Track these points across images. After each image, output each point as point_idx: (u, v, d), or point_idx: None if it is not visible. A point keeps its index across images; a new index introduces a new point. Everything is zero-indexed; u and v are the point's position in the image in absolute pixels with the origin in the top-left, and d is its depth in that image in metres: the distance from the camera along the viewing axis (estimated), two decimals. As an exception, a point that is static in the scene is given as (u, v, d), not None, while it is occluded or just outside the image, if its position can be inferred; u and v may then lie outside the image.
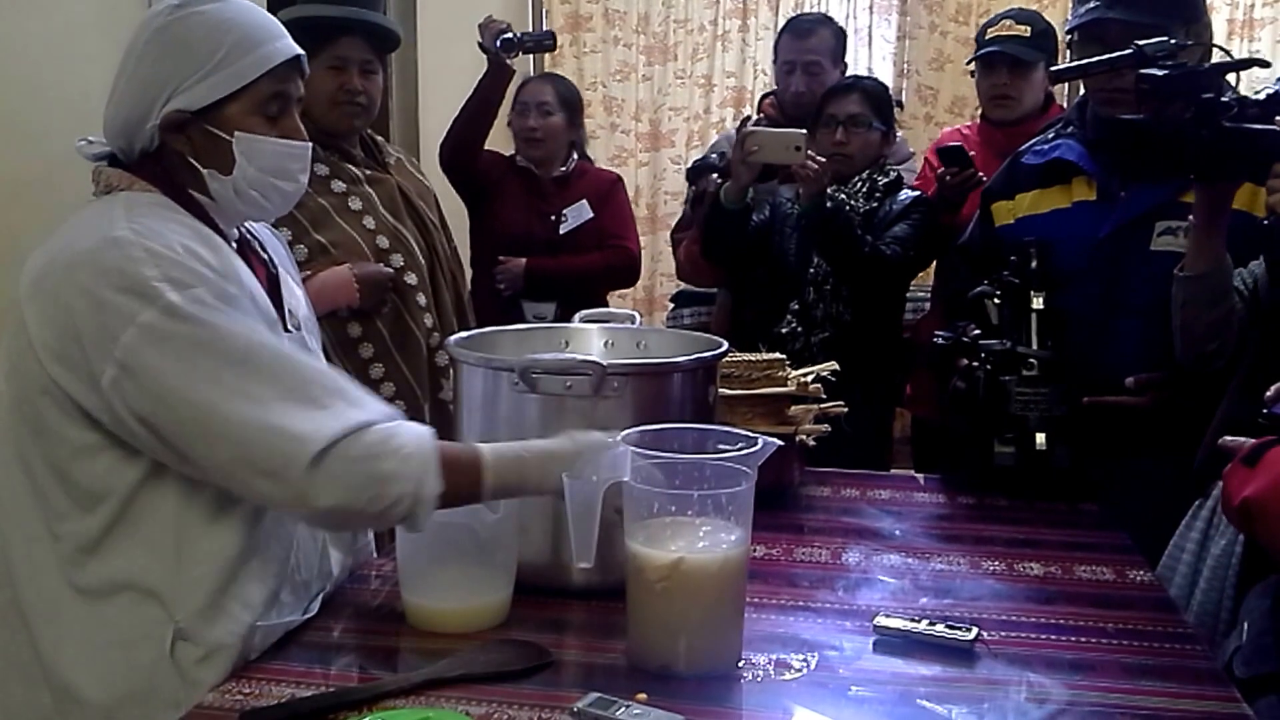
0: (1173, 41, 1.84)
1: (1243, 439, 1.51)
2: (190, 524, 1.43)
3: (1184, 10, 2.11)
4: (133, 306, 1.33)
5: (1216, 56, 1.94)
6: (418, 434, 1.42)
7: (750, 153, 2.87)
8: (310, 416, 1.35)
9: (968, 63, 3.33)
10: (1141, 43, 1.85)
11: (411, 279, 2.52)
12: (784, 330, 3.10)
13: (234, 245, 1.54)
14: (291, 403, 1.35)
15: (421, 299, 2.54)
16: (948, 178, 2.97)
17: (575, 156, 3.69)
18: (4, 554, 1.45)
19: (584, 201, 3.64)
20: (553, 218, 3.59)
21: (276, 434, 1.34)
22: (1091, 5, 2.18)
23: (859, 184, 3.12)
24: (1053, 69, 2.04)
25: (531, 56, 5.31)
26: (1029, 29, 3.03)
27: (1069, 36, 2.30)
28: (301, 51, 1.55)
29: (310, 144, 1.59)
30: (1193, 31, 2.09)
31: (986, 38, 3.11)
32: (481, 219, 3.57)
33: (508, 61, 3.33)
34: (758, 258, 3.20)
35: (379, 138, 2.73)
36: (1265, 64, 1.93)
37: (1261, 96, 1.78)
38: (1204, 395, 1.98)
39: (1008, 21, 3.10)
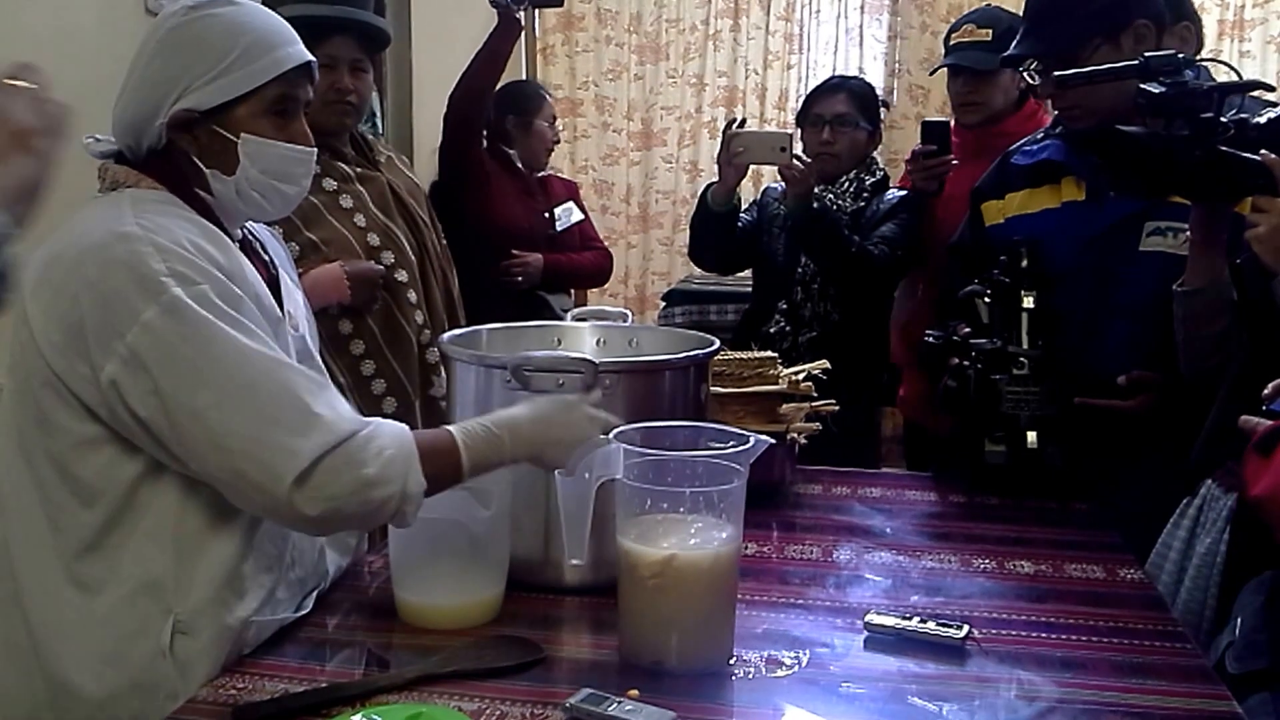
0: (1180, 56, 1.83)
1: (1260, 420, 1.51)
2: (191, 520, 1.43)
3: (1103, 23, 2.10)
4: (138, 302, 1.33)
5: (1225, 75, 1.94)
6: (395, 434, 1.42)
7: (736, 154, 2.87)
8: (295, 431, 1.35)
9: (931, 73, 3.33)
10: (1149, 55, 1.85)
11: (402, 276, 2.53)
12: (772, 330, 3.11)
13: (237, 245, 1.54)
14: (279, 415, 1.35)
15: (412, 296, 2.55)
16: (922, 159, 2.97)
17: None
18: (6, 547, 1.45)
19: (572, 203, 3.84)
20: (546, 215, 3.72)
21: (265, 447, 1.34)
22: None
23: (846, 183, 3.13)
24: (1057, 74, 2.04)
25: (523, 53, 5.33)
26: (991, 32, 2.96)
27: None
28: (313, 58, 1.56)
29: (315, 149, 1.59)
30: (1128, 36, 2.10)
31: (950, 43, 3.09)
32: (473, 212, 3.59)
33: (517, 16, 3.38)
34: (746, 258, 3.22)
35: (369, 136, 2.74)
36: (1270, 88, 1.92)
37: (1263, 120, 1.77)
38: (1195, 397, 1.98)
39: (969, 26, 3.05)
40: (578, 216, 3.84)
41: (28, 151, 0.78)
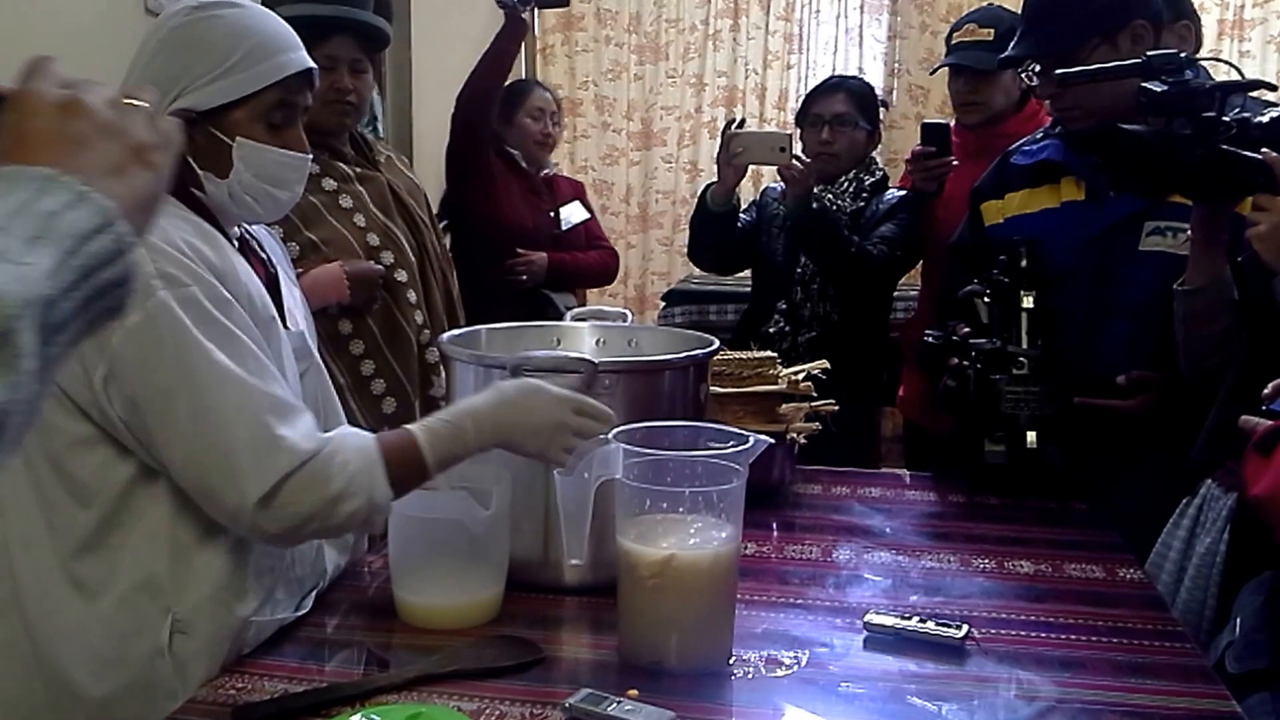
0: (1182, 55, 1.83)
1: (1260, 420, 1.51)
2: (187, 520, 1.43)
3: (1100, 23, 2.10)
4: None
5: (1227, 73, 1.93)
6: (359, 445, 1.42)
7: (735, 154, 2.88)
8: (260, 452, 1.36)
9: (932, 72, 3.32)
10: (1151, 54, 1.85)
11: (402, 276, 2.53)
12: (771, 330, 3.11)
13: (234, 244, 1.54)
14: (245, 435, 1.36)
15: (412, 296, 2.54)
16: (922, 160, 2.97)
17: (551, 162, 3.96)
18: (5, 547, 1.45)
19: (577, 202, 3.86)
20: (551, 214, 3.74)
21: (232, 463, 1.35)
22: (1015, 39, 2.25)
23: (845, 183, 3.13)
24: (1059, 72, 2.04)
25: (523, 53, 5.33)
26: (993, 32, 2.95)
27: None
28: (314, 65, 1.55)
29: (310, 156, 1.59)
30: (1125, 36, 2.10)
31: (952, 43, 3.08)
32: (478, 211, 3.61)
33: (523, 16, 3.41)
34: (745, 258, 3.22)
35: (369, 136, 2.74)
36: (1272, 87, 1.92)
37: (1265, 119, 1.77)
38: (1195, 397, 1.98)
39: (971, 25, 3.04)
40: (583, 216, 3.86)
41: (147, 166, 0.83)
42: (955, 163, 2.92)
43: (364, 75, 2.51)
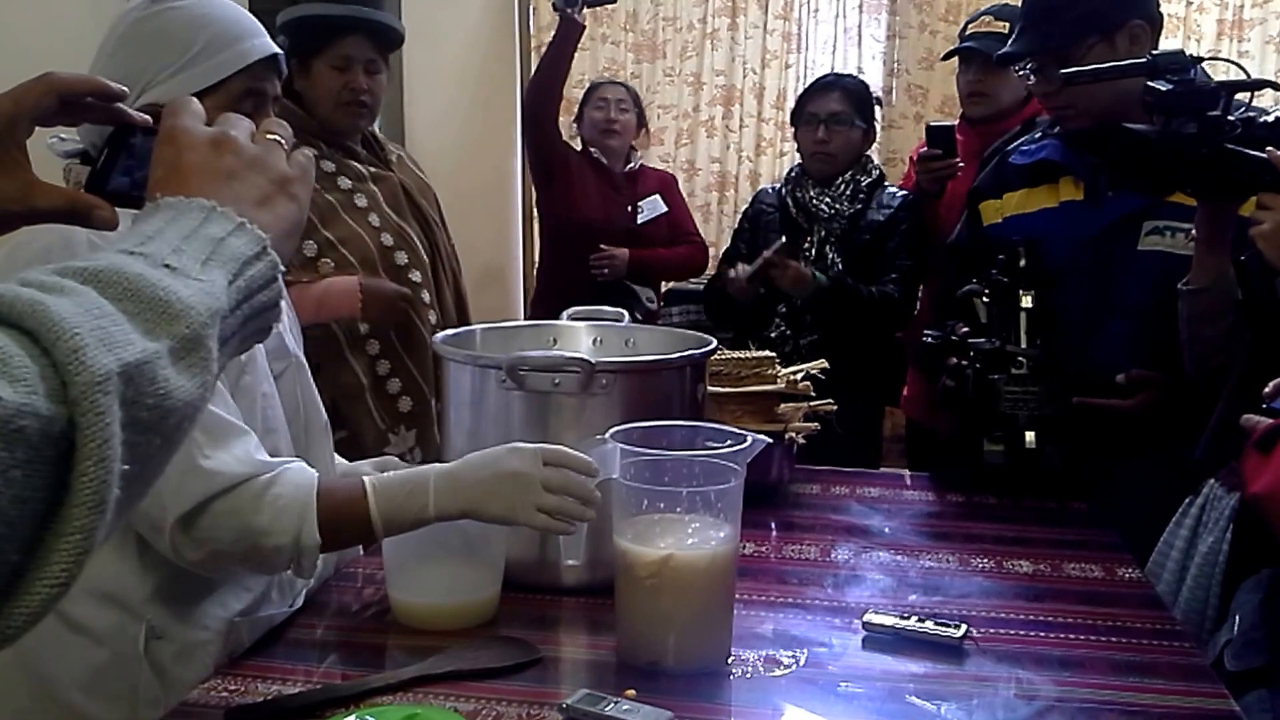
0: (1189, 55, 1.83)
1: (1260, 418, 1.51)
2: None
3: (1097, 21, 2.10)
4: None
5: (1233, 73, 1.92)
6: (297, 484, 1.39)
7: (743, 280, 3.06)
8: (188, 469, 1.32)
9: (944, 58, 3.33)
10: (1155, 53, 1.84)
11: (416, 276, 2.53)
12: (773, 334, 3.12)
13: None
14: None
15: (426, 296, 2.55)
16: (928, 162, 2.98)
17: (637, 155, 4.00)
18: None
19: (657, 196, 3.94)
20: (629, 208, 3.84)
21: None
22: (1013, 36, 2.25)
23: (842, 185, 3.13)
24: (1064, 71, 2.03)
25: (518, 52, 5.34)
26: (1008, 26, 2.91)
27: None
28: (278, 50, 1.54)
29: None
30: (1123, 36, 2.10)
31: (966, 34, 3.10)
32: (556, 205, 3.75)
33: (576, 16, 3.53)
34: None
35: (380, 135, 2.74)
36: (1277, 86, 1.91)
37: (1271, 118, 1.76)
38: (1194, 396, 1.97)
39: (987, 18, 3.07)
40: (662, 209, 3.92)
41: (290, 198, 0.88)
42: (962, 165, 2.92)
43: (377, 75, 2.51)
